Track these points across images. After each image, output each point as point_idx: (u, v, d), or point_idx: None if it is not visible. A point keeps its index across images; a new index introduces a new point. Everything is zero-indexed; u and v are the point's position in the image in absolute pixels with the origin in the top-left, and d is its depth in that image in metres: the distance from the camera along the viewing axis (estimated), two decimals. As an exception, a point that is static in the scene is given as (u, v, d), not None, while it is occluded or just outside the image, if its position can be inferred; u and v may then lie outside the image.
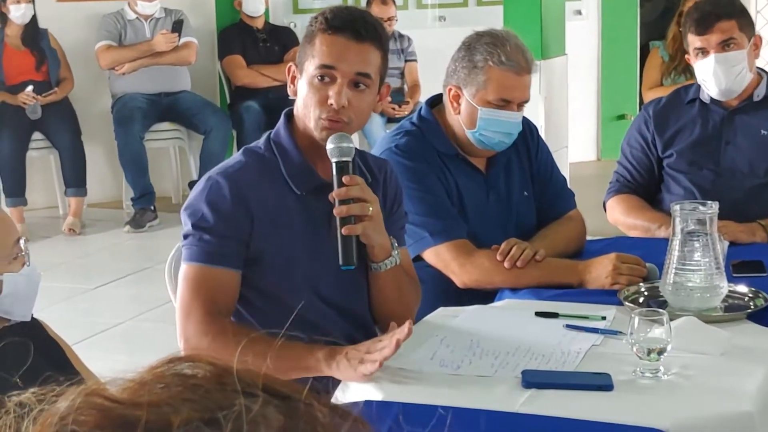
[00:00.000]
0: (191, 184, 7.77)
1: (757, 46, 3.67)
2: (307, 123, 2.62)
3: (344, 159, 2.58)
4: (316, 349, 2.43)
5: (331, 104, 2.58)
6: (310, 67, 2.60)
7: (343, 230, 2.56)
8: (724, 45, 3.59)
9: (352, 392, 2.37)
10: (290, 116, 2.71)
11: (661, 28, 11.64)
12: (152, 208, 7.55)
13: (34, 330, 2.17)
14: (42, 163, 7.80)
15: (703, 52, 3.63)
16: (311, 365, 2.42)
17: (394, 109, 7.94)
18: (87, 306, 5.96)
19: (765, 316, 2.73)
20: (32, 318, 2.21)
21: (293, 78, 2.67)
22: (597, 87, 9.34)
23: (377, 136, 7.35)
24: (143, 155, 7.52)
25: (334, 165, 2.57)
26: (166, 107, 7.78)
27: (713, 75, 3.61)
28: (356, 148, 2.66)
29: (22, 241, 2.17)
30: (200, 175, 7.62)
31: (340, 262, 2.58)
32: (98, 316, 5.75)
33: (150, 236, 7.39)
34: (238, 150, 8.00)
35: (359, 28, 2.60)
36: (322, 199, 2.63)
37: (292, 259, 2.62)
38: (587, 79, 9.18)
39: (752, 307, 2.77)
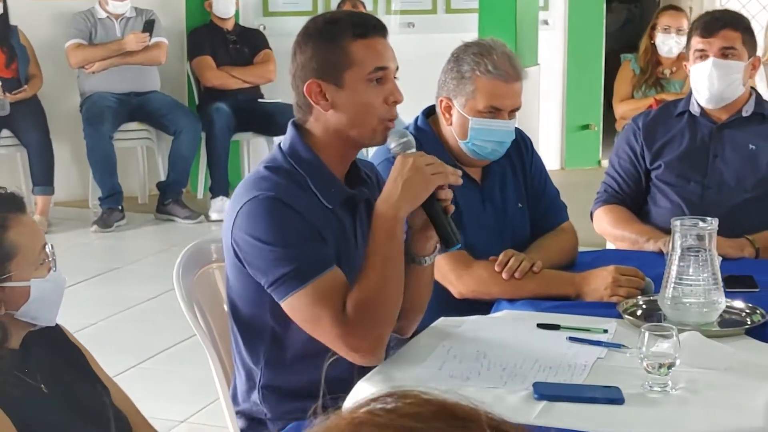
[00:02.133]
0: (159, 185, 7.75)
1: (754, 66, 3.74)
2: (359, 130, 2.59)
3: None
4: None
5: (395, 101, 2.60)
6: (360, 73, 2.57)
7: (446, 209, 2.57)
8: (725, 52, 3.67)
9: (363, 401, 2.38)
10: (298, 128, 2.66)
11: (622, 39, 11.80)
12: (120, 208, 7.52)
13: (57, 335, 2.17)
14: (9, 160, 7.73)
15: (703, 55, 3.70)
16: None
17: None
18: (57, 307, 5.91)
19: (762, 332, 2.78)
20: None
21: (319, 94, 2.58)
22: (562, 97, 9.40)
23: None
24: (112, 155, 7.49)
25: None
26: (136, 107, 7.75)
27: (708, 78, 3.67)
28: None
29: (48, 247, 2.17)
30: (169, 175, 7.66)
31: (452, 243, 2.57)
32: (68, 317, 5.56)
33: (117, 236, 7.36)
34: (208, 152, 7.92)
35: (384, 26, 2.63)
36: (349, 210, 2.64)
37: None
38: (553, 89, 9.23)
39: (749, 322, 2.81)
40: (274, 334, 2.63)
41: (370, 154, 3.61)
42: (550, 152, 9.24)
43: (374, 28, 2.60)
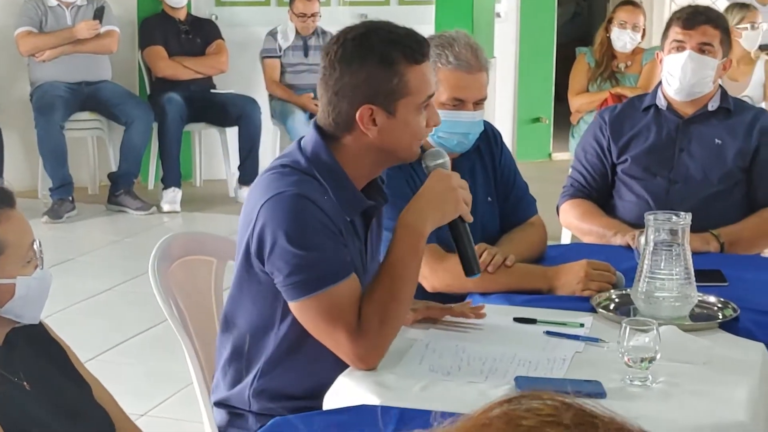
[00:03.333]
0: (110, 176, 7.68)
1: (725, 68, 3.78)
2: (403, 153, 2.59)
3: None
4: None
5: (435, 125, 2.63)
6: (414, 101, 2.53)
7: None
8: (702, 47, 3.71)
9: (344, 398, 2.37)
10: (324, 135, 2.58)
11: (571, 32, 11.85)
12: (70, 198, 7.44)
13: (39, 331, 2.13)
14: (-43, 150, 7.62)
15: (680, 47, 3.73)
16: None
17: (316, 105, 7.92)
18: (9, 299, 5.84)
19: (734, 326, 2.80)
20: (37, 320, 2.17)
21: (370, 119, 2.52)
22: (514, 90, 9.43)
23: (300, 132, 7.33)
24: (63, 145, 7.41)
25: None
26: (87, 96, 7.66)
27: (681, 69, 3.71)
28: None
29: (36, 244, 2.13)
30: (120, 166, 7.59)
31: (473, 271, 2.61)
32: (22, 309, 5.62)
33: (68, 227, 7.28)
34: (160, 142, 7.86)
35: (429, 50, 2.61)
36: (365, 219, 2.63)
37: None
38: (505, 82, 9.25)
39: (721, 317, 2.84)
40: (279, 334, 2.59)
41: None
42: (501, 145, 9.26)
43: (425, 53, 2.56)
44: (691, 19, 3.74)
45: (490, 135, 3.43)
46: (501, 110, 9.13)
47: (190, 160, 8.36)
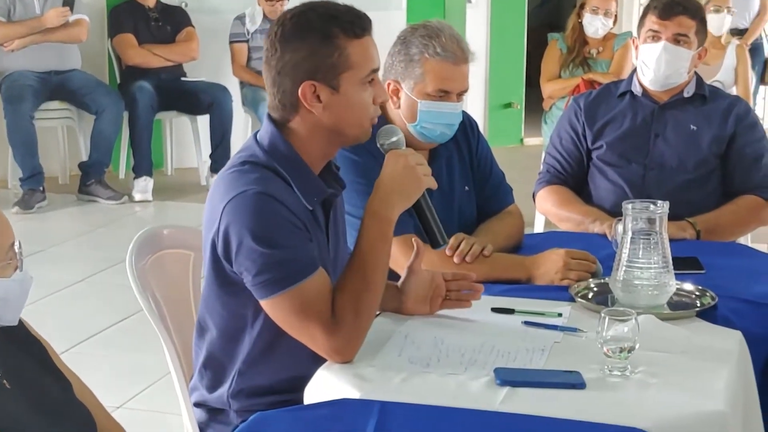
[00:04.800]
0: (81, 165, 7.63)
1: (700, 57, 3.78)
2: (351, 131, 2.55)
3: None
4: None
5: (382, 102, 2.60)
6: (356, 76, 2.51)
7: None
8: (678, 38, 3.71)
9: (324, 391, 2.36)
10: (277, 124, 2.57)
11: (542, 17, 11.86)
12: (41, 188, 7.40)
13: (19, 330, 2.11)
14: (-75, 141, 7.57)
15: (656, 37, 3.73)
16: None
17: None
18: (-20, 291, 5.79)
19: (712, 314, 2.80)
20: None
21: (313, 96, 2.51)
22: (485, 75, 9.43)
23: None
24: (33, 135, 7.37)
25: None
26: (56, 86, 7.61)
27: (656, 60, 3.71)
28: None
29: (16, 245, 2.09)
30: (91, 155, 7.53)
31: (439, 243, 2.60)
32: (-6, 301, 5.58)
33: (39, 217, 7.25)
34: (131, 131, 7.82)
35: (371, 21, 2.57)
36: (325, 209, 2.60)
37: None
38: (476, 68, 9.18)
39: (699, 305, 2.84)
40: (254, 333, 2.56)
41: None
42: (473, 131, 9.26)
43: (366, 26, 2.54)
44: (667, 9, 3.73)
45: (466, 124, 3.43)
46: (472, 95, 9.11)
47: (161, 149, 8.32)
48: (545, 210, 3.83)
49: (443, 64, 3.21)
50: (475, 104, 9.29)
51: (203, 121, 7.91)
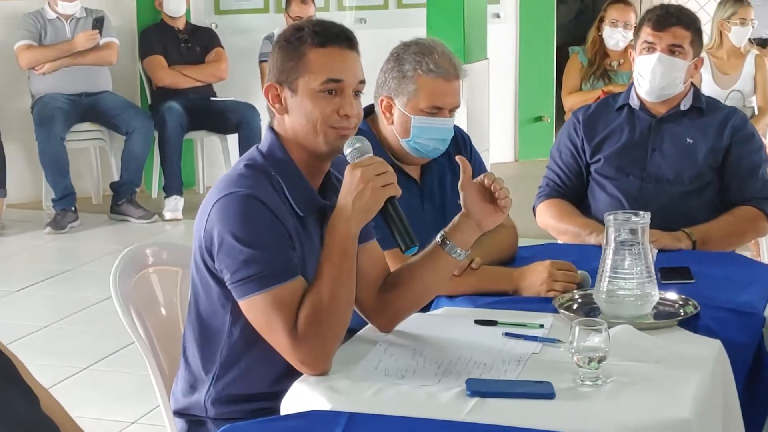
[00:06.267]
0: (112, 185, 7.74)
1: (696, 67, 3.79)
2: (311, 139, 2.60)
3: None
4: None
5: (346, 115, 2.60)
6: (312, 82, 2.58)
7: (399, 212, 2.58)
8: (672, 49, 3.73)
9: (298, 403, 2.41)
10: (273, 131, 2.67)
11: (575, 31, 11.86)
12: (73, 209, 7.51)
13: (-16, 345, 2.16)
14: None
15: (651, 48, 3.76)
16: None
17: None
18: (10, 309, 5.93)
19: (695, 323, 2.82)
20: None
21: (276, 97, 2.63)
22: (515, 89, 9.46)
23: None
24: (64, 156, 7.48)
25: None
26: (87, 107, 7.74)
27: (651, 72, 3.73)
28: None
29: None
30: (122, 175, 7.65)
31: (408, 246, 2.58)
32: (22, 319, 5.71)
33: (71, 237, 7.36)
34: (161, 151, 7.91)
35: (350, 37, 2.63)
36: (319, 220, 2.65)
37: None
38: (505, 82, 9.29)
39: (682, 314, 2.86)
40: (232, 336, 2.62)
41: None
42: (503, 144, 9.30)
43: (336, 37, 2.60)
44: (661, 20, 3.75)
45: (459, 139, 3.47)
46: (502, 110, 9.17)
47: (192, 168, 8.42)
48: (545, 223, 3.86)
49: (436, 81, 3.26)
50: (505, 118, 9.33)
51: (233, 139, 8.00)
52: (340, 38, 2.61)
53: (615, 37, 6.89)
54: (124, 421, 4.41)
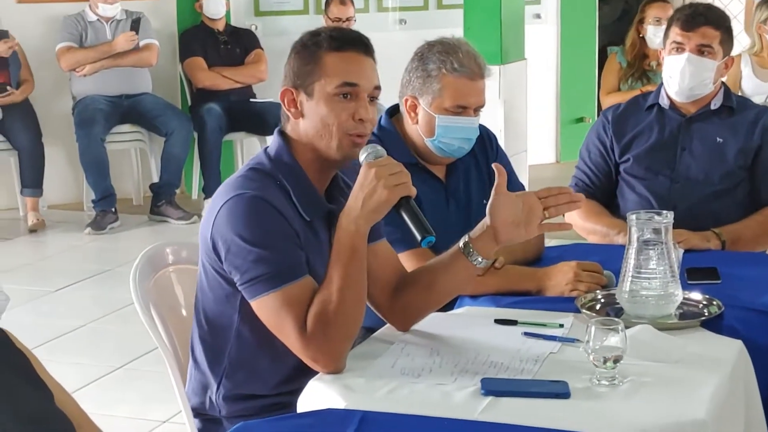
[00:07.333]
0: (152, 187, 7.79)
1: (727, 66, 3.76)
2: (325, 143, 2.60)
3: None
4: None
5: (361, 119, 2.59)
6: (328, 86, 2.58)
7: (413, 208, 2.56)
8: (701, 48, 3.70)
9: (314, 401, 2.41)
10: (283, 135, 2.67)
11: (618, 32, 11.75)
12: (113, 210, 7.57)
13: (2, 341, 2.18)
14: (2, 164, 7.78)
15: (680, 48, 3.73)
16: None
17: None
18: (49, 308, 5.98)
19: (718, 324, 2.79)
20: (-1, 329, 2.22)
21: (291, 102, 2.63)
22: (556, 90, 9.42)
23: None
24: (104, 157, 7.54)
25: None
26: (128, 109, 7.79)
27: (680, 72, 3.70)
28: None
29: None
30: (161, 177, 7.69)
31: (426, 234, 2.56)
32: (60, 318, 5.76)
33: (111, 238, 7.41)
34: (200, 152, 7.93)
35: (367, 43, 2.64)
36: (326, 223, 2.65)
37: None
38: (546, 83, 9.25)
39: (706, 314, 2.83)
40: (241, 336, 2.63)
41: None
42: (545, 146, 9.27)
43: (352, 42, 2.62)
44: (690, 20, 3.72)
45: (485, 137, 3.46)
46: (544, 111, 9.14)
47: (231, 169, 8.43)
48: (573, 223, 3.83)
49: (461, 80, 3.25)
50: (546, 119, 9.29)
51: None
52: (356, 43, 2.62)
53: (660, 35, 6.81)
54: (155, 420, 4.43)
